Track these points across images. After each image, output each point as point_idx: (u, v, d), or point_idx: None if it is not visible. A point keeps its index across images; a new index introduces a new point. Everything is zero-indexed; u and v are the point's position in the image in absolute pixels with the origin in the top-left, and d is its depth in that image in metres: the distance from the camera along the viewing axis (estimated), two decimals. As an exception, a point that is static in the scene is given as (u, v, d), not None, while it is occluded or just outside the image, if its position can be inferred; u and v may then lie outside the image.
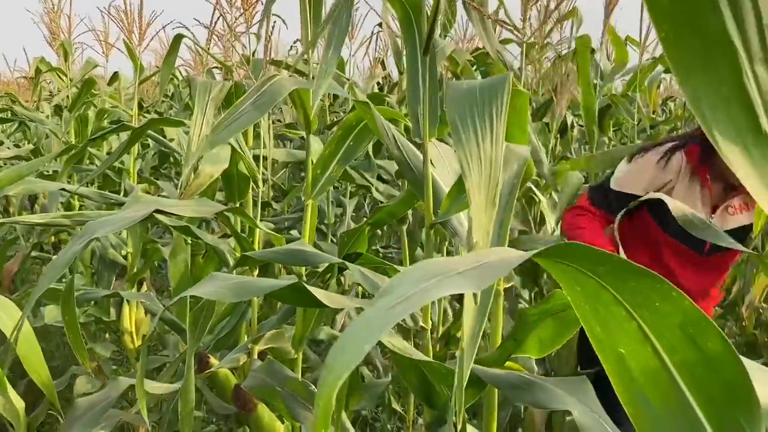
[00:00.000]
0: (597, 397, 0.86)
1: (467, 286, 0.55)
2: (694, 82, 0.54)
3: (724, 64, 0.53)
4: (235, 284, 1.10)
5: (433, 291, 0.56)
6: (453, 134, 0.82)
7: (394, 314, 0.54)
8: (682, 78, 0.54)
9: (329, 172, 1.66)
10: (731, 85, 0.54)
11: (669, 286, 0.61)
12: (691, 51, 0.53)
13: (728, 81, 0.54)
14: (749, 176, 0.55)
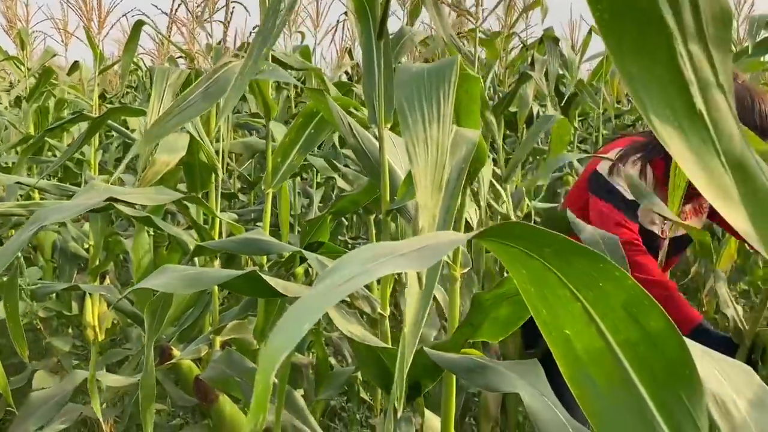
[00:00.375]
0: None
1: (409, 266, 0.55)
2: (629, 63, 0.54)
3: (658, 43, 0.53)
4: (188, 275, 1.09)
5: (376, 271, 0.55)
6: (400, 118, 0.81)
7: (336, 294, 0.54)
8: (618, 59, 0.54)
9: (290, 160, 1.64)
10: (666, 65, 0.54)
11: (612, 266, 0.62)
12: (626, 31, 0.53)
13: (662, 61, 0.54)
14: (686, 158, 0.56)
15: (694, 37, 0.54)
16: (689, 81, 0.54)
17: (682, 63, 0.54)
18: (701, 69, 0.55)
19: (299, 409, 1.33)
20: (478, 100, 1.01)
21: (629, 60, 0.54)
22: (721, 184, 0.57)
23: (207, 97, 1.41)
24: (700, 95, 0.55)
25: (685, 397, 0.66)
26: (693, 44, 0.54)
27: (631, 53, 0.54)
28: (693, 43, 0.54)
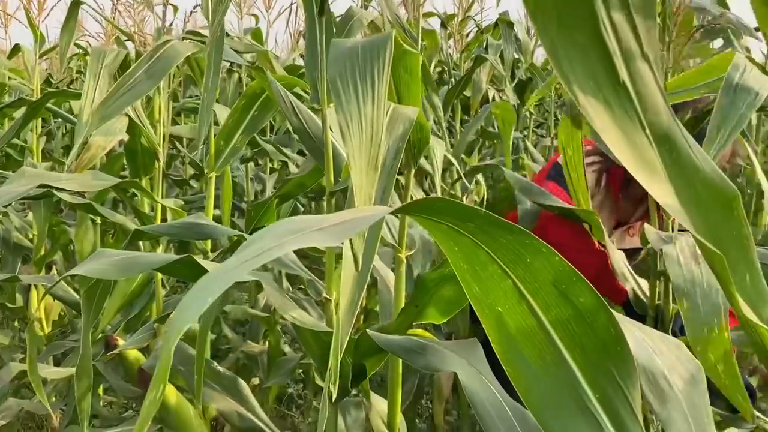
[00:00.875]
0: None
1: (325, 240, 0.53)
2: (552, 32, 0.52)
3: (580, 11, 0.52)
4: (121, 260, 1.05)
5: (290, 244, 0.53)
6: (333, 96, 0.79)
7: (244, 268, 0.52)
8: (540, 29, 0.52)
9: (233, 143, 1.60)
10: (588, 34, 0.53)
11: (539, 242, 0.61)
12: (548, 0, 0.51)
13: (585, 29, 0.53)
14: (609, 131, 0.55)
15: (617, 4, 0.52)
16: (612, 51, 0.53)
17: (605, 32, 0.53)
18: (625, 38, 0.54)
19: (245, 397, 1.31)
20: (419, 77, 0.99)
21: (552, 29, 0.53)
22: (645, 158, 0.56)
23: (152, 75, 1.37)
24: (624, 65, 0.54)
25: (616, 374, 0.66)
26: (616, 12, 0.53)
27: (554, 22, 0.52)
28: (616, 11, 0.53)
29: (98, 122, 1.27)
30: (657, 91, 0.54)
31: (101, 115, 1.28)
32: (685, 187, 0.57)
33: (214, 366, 1.33)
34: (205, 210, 1.62)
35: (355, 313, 0.73)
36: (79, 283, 2.26)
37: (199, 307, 0.48)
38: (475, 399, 0.79)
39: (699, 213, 0.58)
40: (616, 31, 0.53)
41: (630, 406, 0.66)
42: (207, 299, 0.51)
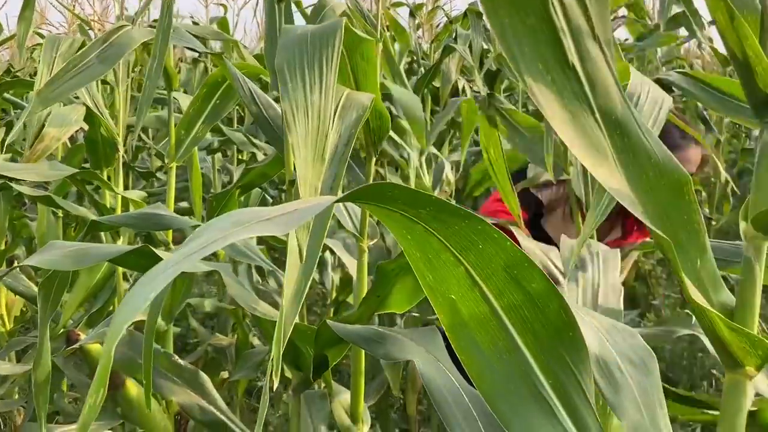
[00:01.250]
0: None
1: (270, 230, 0.52)
2: (502, 14, 0.51)
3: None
4: (74, 251, 1.02)
5: (234, 235, 0.52)
6: (280, 83, 0.77)
7: (188, 261, 0.50)
8: (489, 10, 0.51)
9: (194, 132, 1.57)
10: (538, 16, 0.52)
11: (490, 228, 0.60)
12: (494, -22, 0.51)
13: (535, 12, 0.52)
14: (555, 112, 0.54)
15: (564, -15, 0.52)
16: (561, 30, 0.52)
17: (555, 13, 0.52)
18: (574, 19, 0.53)
19: (206, 390, 1.29)
20: (375, 64, 0.98)
21: (502, 10, 0.52)
22: (593, 142, 0.55)
23: (104, 60, 1.33)
24: (573, 46, 0.53)
25: (569, 360, 0.66)
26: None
27: (504, 4, 0.51)
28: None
29: (42, 104, 1.23)
30: (609, 75, 0.53)
31: (46, 97, 1.24)
32: (636, 173, 0.57)
33: (174, 359, 1.31)
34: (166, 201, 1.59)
35: (300, 306, 0.72)
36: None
37: (141, 303, 0.47)
38: (432, 386, 0.79)
39: (650, 198, 0.57)
40: (566, 13, 0.53)
41: (583, 392, 0.66)
42: (149, 294, 0.49)
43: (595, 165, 0.55)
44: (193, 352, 2.97)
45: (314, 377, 1.16)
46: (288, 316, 0.61)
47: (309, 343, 1.17)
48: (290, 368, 1.21)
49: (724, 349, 0.63)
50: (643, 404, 0.71)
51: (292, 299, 0.62)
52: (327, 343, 1.09)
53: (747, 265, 0.61)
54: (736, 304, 0.63)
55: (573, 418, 0.65)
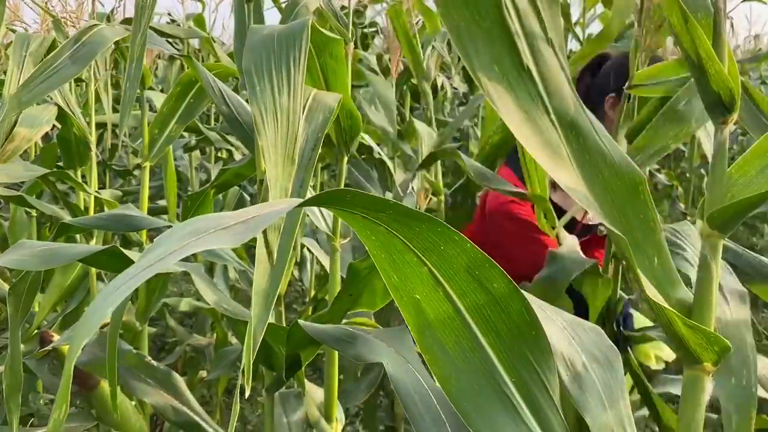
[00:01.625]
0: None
1: (227, 241, 0.52)
2: (456, 16, 0.52)
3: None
4: (44, 251, 1.01)
5: (192, 247, 0.52)
6: (247, 85, 0.77)
7: (145, 274, 0.50)
8: (444, 13, 0.52)
9: (168, 131, 1.56)
10: (493, 19, 0.53)
11: (450, 230, 0.61)
12: (449, -18, 0.51)
13: (489, 13, 0.52)
14: (512, 115, 0.55)
15: (518, -11, 0.52)
16: (516, 34, 0.53)
17: (508, 16, 0.53)
18: (528, 22, 0.53)
19: (179, 391, 1.28)
20: (344, 63, 0.98)
21: (456, 13, 0.52)
22: (549, 142, 0.56)
23: (76, 61, 1.32)
24: (527, 49, 0.54)
25: (532, 359, 0.67)
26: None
27: (458, 5, 0.52)
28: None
29: (17, 107, 1.22)
30: (563, 78, 0.54)
31: (20, 101, 1.23)
32: (592, 173, 0.58)
33: (147, 360, 1.31)
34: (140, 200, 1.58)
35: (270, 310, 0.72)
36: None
37: (100, 318, 0.47)
38: (401, 387, 0.79)
39: (606, 198, 0.58)
40: (520, 17, 0.53)
41: (546, 390, 0.67)
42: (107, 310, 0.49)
43: (551, 164, 0.56)
44: (172, 351, 2.96)
45: (287, 376, 1.16)
46: (258, 323, 0.61)
47: (282, 343, 1.17)
48: (264, 368, 1.20)
49: (682, 346, 0.64)
50: (607, 401, 0.72)
51: (263, 305, 0.62)
52: (299, 342, 1.09)
53: (704, 262, 0.62)
54: (694, 301, 0.64)
55: (536, 416, 0.66)
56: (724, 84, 0.58)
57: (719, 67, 0.57)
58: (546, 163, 0.54)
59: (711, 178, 0.61)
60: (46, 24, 3.13)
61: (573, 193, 0.55)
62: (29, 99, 1.26)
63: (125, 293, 0.49)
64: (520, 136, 0.53)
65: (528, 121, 0.54)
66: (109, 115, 2.38)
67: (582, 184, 0.57)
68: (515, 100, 0.53)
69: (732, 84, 0.58)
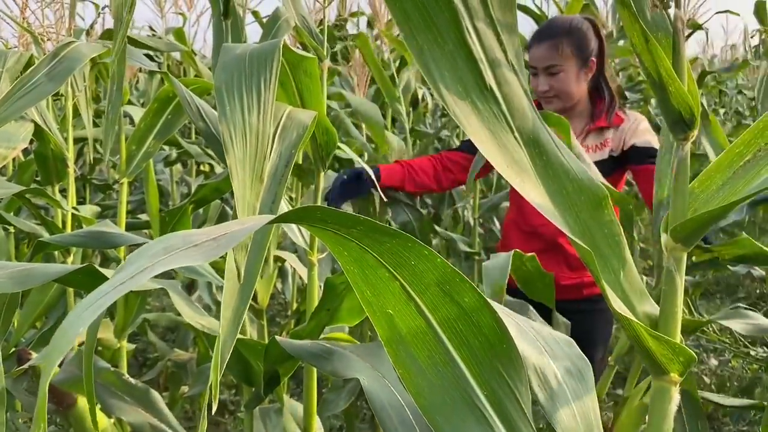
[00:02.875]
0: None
1: (198, 258, 0.52)
2: (420, 39, 0.53)
3: (445, 20, 0.53)
4: (17, 272, 1.00)
5: (162, 264, 0.52)
6: (218, 105, 0.77)
7: (116, 292, 0.50)
8: (407, 34, 0.53)
9: (146, 147, 1.56)
10: (455, 42, 0.54)
11: (420, 245, 0.61)
12: (413, 8, 0.52)
13: (452, 38, 0.54)
14: (479, 134, 0.56)
15: (479, 14, 0.53)
16: (479, 58, 0.54)
17: (471, 39, 0.54)
18: (490, 46, 0.55)
19: (158, 409, 1.27)
20: (318, 80, 0.99)
21: (419, 35, 0.53)
22: (516, 159, 0.57)
23: (53, 78, 1.31)
24: (490, 70, 0.55)
25: (504, 372, 0.67)
26: (479, 22, 0.54)
27: (420, 29, 0.53)
28: (479, 21, 0.54)
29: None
30: (523, 97, 0.55)
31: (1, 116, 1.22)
32: (556, 189, 0.59)
33: (125, 378, 1.30)
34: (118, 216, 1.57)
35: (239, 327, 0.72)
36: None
37: (73, 335, 0.47)
38: (376, 402, 0.80)
39: (571, 213, 0.59)
40: (480, 39, 0.55)
41: (518, 403, 0.68)
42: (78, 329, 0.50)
43: (517, 181, 0.57)
44: (153, 367, 2.93)
45: (266, 392, 1.16)
46: (227, 340, 0.61)
47: (259, 359, 1.17)
48: (242, 384, 1.20)
49: (649, 357, 0.65)
50: (578, 412, 0.73)
51: (231, 323, 0.62)
52: (277, 358, 1.09)
53: (668, 275, 0.63)
54: (660, 313, 0.65)
55: (508, 428, 0.67)
56: (684, 101, 0.59)
57: (679, 86, 0.58)
58: (513, 180, 0.55)
59: (674, 193, 0.62)
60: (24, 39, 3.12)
61: (540, 209, 0.56)
62: (6, 116, 1.25)
63: (99, 311, 0.49)
64: (487, 154, 0.54)
65: (492, 138, 0.55)
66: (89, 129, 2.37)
67: (548, 199, 0.58)
68: (479, 117, 0.55)
69: (692, 101, 0.59)
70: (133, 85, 4.31)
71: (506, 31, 0.53)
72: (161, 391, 2.88)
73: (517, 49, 0.54)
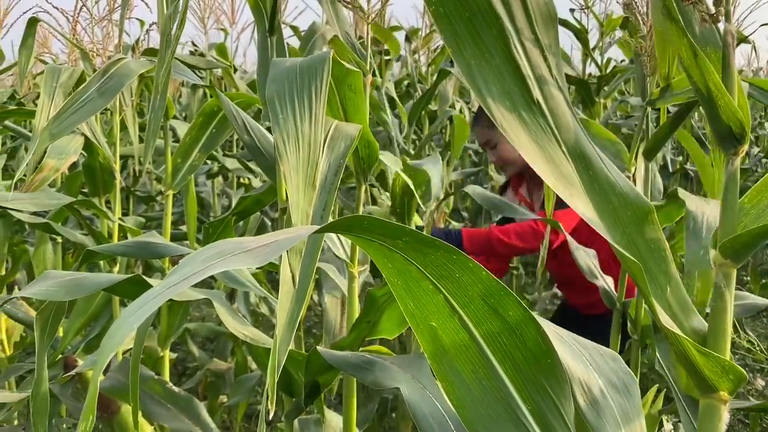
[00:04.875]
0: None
1: (250, 262, 0.53)
2: (466, 53, 0.54)
3: (492, 36, 0.53)
4: (68, 282, 1.04)
5: (215, 267, 0.53)
6: (270, 114, 0.80)
7: (168, 293, 0.52)
8: (454, 49, 0.54)
9: (191, 160, 1.60)
10: (502, 57, 0.54)
11: (465, 257, 0.62)
12: (460, 24, 0.53)
13: (499, 53, 0.54)
14: (528, 148, 0.56)
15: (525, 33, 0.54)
16: (526, 74, 0.55)
17: (518, 55, 0.55)
18: (536, 62, 0.55)
19: (201, 418, 1.30)
20: (362, 94, 1.00)
21: (467, 51, 0.54)
22: (564, 173, 0.57)
23: (104, 93, 1.36)
24: (537, 86, 0.56)
25: (548, 386, 0.67)
26: (526, 40, 0.54)
27: (468, 44, 0.54)
28: (526, 39, 0.54)
29: (49, 139, 1.26)
30: (568, 112, 0.56)
31: (51, 133, 1.27)
32: (602, 202, 0.59)
33: (168, 386, 1.32)
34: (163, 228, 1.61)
35: (293, 333, 0.74)
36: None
37: (125, 334, 0.49)
38: (418, 413, 0.80)
39: (617, 227, 0.59)
40: (527, 56, 0.55)
41: (562, 417, 0.67)
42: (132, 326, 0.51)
43: (567, 194, 0.57)
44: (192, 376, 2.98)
45: (306, 403, 1.17)
46: (282, 344, 0.62)
47: (301, 370, 1.18)
48: (283, 394, 1.22)
49: (697, 374, 0.64)
50: (624, 428, 0.72)
51: (286, 326, 0.64)
52: (318, 369, 1.10)
53: (717, 291, 0.63)
54: (708, 329, 0.64)
55: (552, 443, 0.67)
56: (734, 116, 0.59)
57: (729, 100, 0.58)
58: (563, 193, 0.56)
59: (723, 208, 0.62)
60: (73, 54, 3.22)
61: (590, 222, 0.56)
62: (60, 131, 1.30)
63: (150, 310, 0.50)
64: (537, 168, 0.55)
65: (541, 152, 0.55)
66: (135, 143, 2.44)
67: (594, 213, 0.58)
68: (527, 132, 0.55)
69: (742, 116, 0.59)
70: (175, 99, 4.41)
71: (548, 49, 0.54)
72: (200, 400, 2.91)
73: (559, 65, 0.55)
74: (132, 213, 3.67)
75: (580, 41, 3.60)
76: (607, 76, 3.52)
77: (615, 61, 4.78)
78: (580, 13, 3.50)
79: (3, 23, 2.75)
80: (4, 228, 2.59)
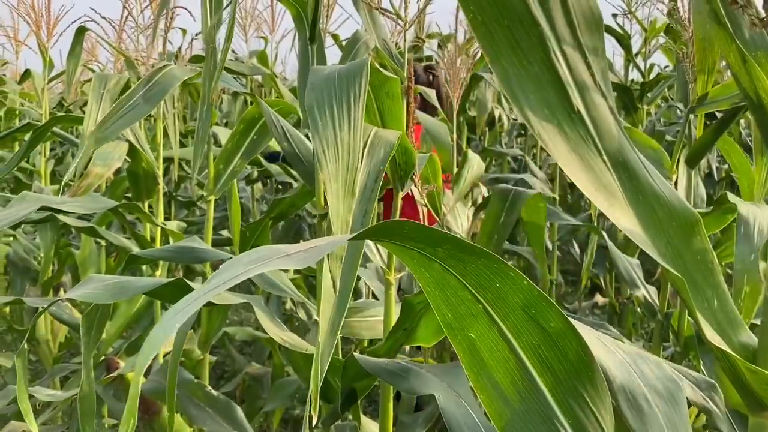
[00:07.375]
0: None
1: (290, 264, 0.54)
2: (504, 61, 0.53)
3: (531, 43, 0.53)
4: (112, 285, 1.06)
5: (256, 269, 0.54)
6: (310, 122, 0.80)
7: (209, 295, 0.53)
8: (492, 57, 0.53)
9: (232, 166, 1.62)
10: (541, 64, 0.54)
11: (506, 266, 0.61)
12: (498, 31, 0.52)
13: (537, 60, 0.53)
14: (566, 158, 0.55)
15: (566, 38, 0.53)
16: (566, 81, 0.54)
17: (557, 62, 0.54)
18: (577, 69, 0.54)
19: (238, 421, 1.31)
20: (400, 101, 1.00)
21: (504, 59, 0.53)
22: (603, 182, 0.56)
23: (148, 100, 1.39)
24: (578, 93, 0.55)
25: (588, 398, 0.66)
26: (566, 46, 0.53)
27: (506, 52, 0.53)
28: (567, 45, 0.53)
29: (94, 144, 1.30)
30: (611, 120, 0.54)
31: (97, 138, 1.30)
32: (646, 213, 0.57)
33: (208, 390, 1.34)
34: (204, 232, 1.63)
35: (336, 339, 0.74)
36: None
37: (167, 335, 0.49)
38: (453, 421, 0.79)
39: (662, 239, 0.58)
40: (567, 62, 0.54)
41: (602, 430, 0.66)
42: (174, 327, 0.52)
43: (606, 205, 0.56)
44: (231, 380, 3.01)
45: (343, 410, 1.17)
46: (324, 350, 0.62)
47: (338, 375, 1.18)
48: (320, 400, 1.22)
49: (747, 392, 0.62)
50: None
51: (329, 334, 0.64)
52: (355, 376, 1.10)
53: (767, 305, 0.61)
54: (759, 345, 0.62)
55: (592, 457, 0.65)
56: (785, 123, 0.57)
57: (779, 106, 0.56)
58: (602, 204, 0.54)
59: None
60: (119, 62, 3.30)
61: (630, 234, 0.55)
62: (106, 136, 1.33)
63: (191, 312, 0.51)
64: (574, 178, 0.54)
65: (580, 162, 0.54)
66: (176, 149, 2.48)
67: (637, 224, 0.57)
68: (566, 141, 0.54)
69: (793, 123, 0.57)
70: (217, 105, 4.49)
71: (593, 53, 0.53)
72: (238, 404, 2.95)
73: (605, 70, 0.54)
74: (173, 217, 3.74)
75: (623, 47, 3.54)
76: (651, 82, 3.45)
77: (659, 68, 4.70)
78: (623, 18, 3.44)
79: (53, 33, 2.84)
80: (51, 232, 2.67)
